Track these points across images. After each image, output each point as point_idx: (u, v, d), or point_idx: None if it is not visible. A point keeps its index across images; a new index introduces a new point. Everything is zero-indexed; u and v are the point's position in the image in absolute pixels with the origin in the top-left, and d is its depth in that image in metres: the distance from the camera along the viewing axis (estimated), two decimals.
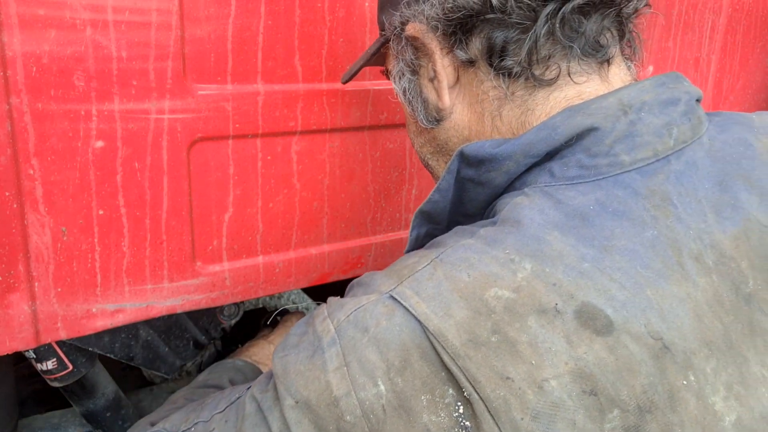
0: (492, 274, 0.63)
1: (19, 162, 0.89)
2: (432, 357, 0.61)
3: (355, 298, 0.69)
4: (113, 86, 0.93)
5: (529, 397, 0.58)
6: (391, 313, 0.64)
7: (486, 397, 0.58)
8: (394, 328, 0.63)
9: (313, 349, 0.68)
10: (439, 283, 0.64)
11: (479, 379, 0.59)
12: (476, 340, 0.60)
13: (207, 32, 0.99)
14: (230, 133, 1.05)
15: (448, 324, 0.61)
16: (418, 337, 0.62)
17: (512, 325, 0.60)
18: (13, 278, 0.93)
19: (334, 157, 1.18)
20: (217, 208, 1.08)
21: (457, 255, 0.66)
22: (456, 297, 0.62)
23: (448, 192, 0.80)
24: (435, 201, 0.81)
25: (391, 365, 0.62)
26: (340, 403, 0.63)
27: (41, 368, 1.12)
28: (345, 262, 1.27)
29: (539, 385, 0.58)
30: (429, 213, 0.83)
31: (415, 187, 1.31)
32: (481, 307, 0.61)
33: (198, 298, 1.11)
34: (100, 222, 0.97)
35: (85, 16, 0.88)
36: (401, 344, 0.62)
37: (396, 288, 0.66)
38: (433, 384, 0.61)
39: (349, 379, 0.63)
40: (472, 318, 0.61)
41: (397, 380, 0.62)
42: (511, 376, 0.58)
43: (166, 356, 1.30)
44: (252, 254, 1.15)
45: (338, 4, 1.10)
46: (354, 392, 0.63)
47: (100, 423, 1.28)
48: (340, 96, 1.15)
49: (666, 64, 1.60)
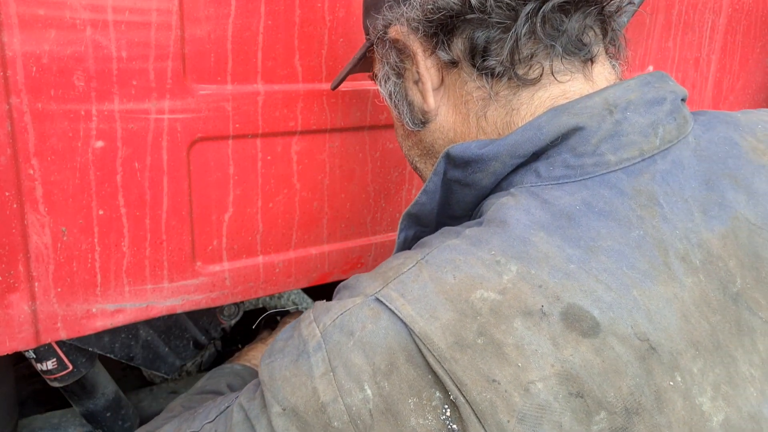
0: (477, 276, 0.63)
1: (19, 162, 0.89)
2: (418, 360, 0.61)
3: (341, 301, 0.68)
4: (113, 86, 0.93)
5: (516, 400, 0.58)
6: (376, 316, 0.63)
7: (472, 400, 0.58)
8: (380, 332, 0.62)
9: (297, 354, 0.67)
10: (425, 285, 0.64)
11: (465, 381, 0.59)
12: (462, 343, 0.60)
13: (207, 32, 0.99)
14: (230, 133, 1.05)
15: (434, 326, 0.60)
16: (404, 340, 0.61)
17: (498, 327, 0.60)
18: (13, 278, 0.93)
19: (334, 157, 1.18)
20: (217, 208, 1.08)
21: (443, 256, 0.66)
22: (442, 299, 0.62)
23: (435, 194, 0.79)
24: (422, 203, 0.80)
25: (377, 369, 0.62)
26: (327, 410, 0.63)
27: (41, 368, 1.12)
28: (345, 262, 1.27)
29: (525, 387, 0.58)
30: (416, 215, 0.82)
31: (415, 187, 1.31)
32: (467, 309, 0.61)
33: (198, 298, 1.11)
34: (100, 222, 0.97)
35: (85, 16, 0.88)
36: (387, 348, 0.62)
37: (381, 290, 0.66)
38: (419, 387, 0.61)
39: (336, 385, 0.63)
40: (457, 320, 0.61)
41: (383, 384, 0.61)
42: (497, 379, 0.58)
43: (166, 356, 1.30)
44: (252, 254, 1.15)
45: (338, 4, 1.10)
46: (341, 398, 0.62)
47: (100, 423, 1.28)
48: (340, 96, 1.15)
49: (666, 64, 1.60)
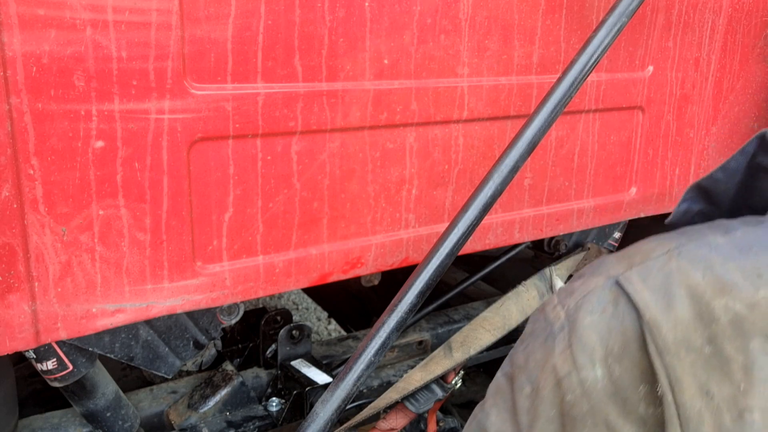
0: (730, 284, 0.58)
1: (19, 162, 0.89)
2: (644, 348, 0.59)
3: (584, 283, 0.68)
4: (113, 86, 0.93)
5: (725, 421, 0.55)
6: (615, 299, 0.63)
7: (681, 403, 0.56)
8: (617, 316, 0.61)
9: (545, 336, 0.68)
10: (669, 275, 0.61)
11: (681, 382, 0.56)
12: (688, 345, 0.57)
13: (207, 32, 0.99)
14: (230, 133, 1.05)
15: (666, 317, 0.59)
16: (637, 327, 0.60)
17: (732, 342, 0.56)
18: (13, 278, 0.93)
19: (334, 157, 1.18)
20: (217, 208, 1.08)
21: (699, 253, 0.62)
22: (682, 293, 0.59)
23: (735, 174, 0.73)
24: (716, 179, 0.74)
25: (609, 352, 0.61)
26: (562, 384, 0.63)
27: (41, 368, 1.12)
28: (345, 262, 1.26)
29: (740, 412, 0.55)
30: (707, 189, 0.76)
31: (415, 187, 1.31)
32: (705, 313, 0.57)
33: (198, 298, 1.11)
34: (100, 222, 0.97)
35: (85, 16, 0.88)
36: (622, 332, 0.61)
37: (624, 273, 0.64)
38: (649, 375, 0.59)
39: (572, 359, 0.63)
40: (692, 320, 0.58)
41: (614, 367, 0.61)
42: (713, 393, 0.55)
43: (166, 356, 1.30)
44: (252, 254, 1.15)
45: (338, 4, 1.10)
46: (575, 371, 0.62)
47: (100, 423, 1.28)
48: (340, 96, 1.15)
49: (666, 64, 1.60)
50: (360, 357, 1.06)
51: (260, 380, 1.50)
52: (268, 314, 1.55)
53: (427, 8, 1.20)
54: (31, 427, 1.31)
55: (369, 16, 1.14)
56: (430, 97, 1.25)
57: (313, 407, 1.06)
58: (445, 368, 1.48)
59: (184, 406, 1.42)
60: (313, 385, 1.43)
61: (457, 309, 1.86)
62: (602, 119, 1.54)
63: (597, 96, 1.50)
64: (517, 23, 1.32)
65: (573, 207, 1.57)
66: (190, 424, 1.38)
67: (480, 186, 1.13)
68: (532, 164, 1.46)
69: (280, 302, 3.25)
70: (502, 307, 1.61)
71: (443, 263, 1.09)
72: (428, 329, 1.72)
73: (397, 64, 1.20)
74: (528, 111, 1.37)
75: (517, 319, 1.62)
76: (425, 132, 1.28)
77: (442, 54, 1.25)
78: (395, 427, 1.46)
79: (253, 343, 1.61)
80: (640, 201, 1.69)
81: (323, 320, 3.42)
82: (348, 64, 1.14)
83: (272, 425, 1.43)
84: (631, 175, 1.64)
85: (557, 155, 1.50)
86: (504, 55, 1.33)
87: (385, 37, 1.17)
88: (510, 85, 1.35)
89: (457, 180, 1.36)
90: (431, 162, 1.31)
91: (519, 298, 1.64)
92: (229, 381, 1.43)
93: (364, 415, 1.39)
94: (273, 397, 1.47)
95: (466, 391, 2.10)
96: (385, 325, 1.07)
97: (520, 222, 1.48)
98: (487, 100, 1.33)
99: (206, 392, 1.43)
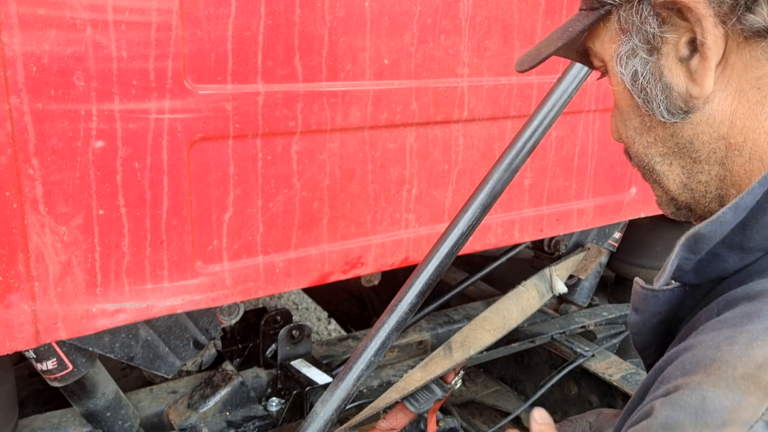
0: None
1: (19, 162, 0.89)
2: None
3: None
4: (113, 86, 0.93)
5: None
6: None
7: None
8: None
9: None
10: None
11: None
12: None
13: (207, 32, 0.99)
14: (230, 133, 1.05)
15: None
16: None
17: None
18: (13, 278, 0.93)
19: (334, 157, 1.18)
20: (217, 208, 1.08)
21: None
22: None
23: (744, 212, 0.62)
24: (723, 222, 0.63)
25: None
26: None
27: (41, 368, 1.12)
28: (345, 262, 1.27)
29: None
30: (704, 237, 0.64)
31: (415, 187, 1.31)
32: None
33: (198, 298, 1.11)
34: (100, 222, 0.97)
35: (85, 16, 0.88)
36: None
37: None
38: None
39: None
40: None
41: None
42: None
43: (166, 356, 1.30)
44: (252, 254, 1.15)
45: (338, 4, 1.10)
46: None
47: (100, 423, 1.28)
48: (340, 96, 1.15)
49: None
50: (360, 357, 1.06)
51: (260, 380, 1.51)
52: (268, 314, 1.55)
53: (427, 8, 1.20)
54: (31, 426, 1.31)
55: (369, 16, 1.14)
56: (430, 97, 1.25)
57: (313, 407, 1.06)
58: (445, 368, 1.48)
59: (184, 406, 1.42)
60: (313, 385, 1.43)
61: (457, 309, 1.86)
62: (602, 119, 1.54)
63: (597, 96, 1.50)
64: (517, 23, 1.32)
65: (573, 207, 1.57)
66: (190, 424, 1.38)
67: (480, 186, 1.13)
68: (532, 164, 1.46)
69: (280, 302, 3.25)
70: (502, 307, 1.61)
71: (443, 263, 1.09)
72: (428, 329, 1.73)
73: (397, 64, 1.20)
74: (528, 111, 1.37)
75: (517, 319, 1.61)
76: (425, 132, 1.28)
77: (442, 54, 1.25)
78: (395, 427, 1.46)
79: (253, 343, 1.61)
80: (640, 201, 1.69)
81: (323, 320, 3.43)
82: (348, 64, 1.14)
83: (272, 425, 1.43)
84: (631, 175, 1.64)
85: (557, 155, 1.50)
86: (504, 55, 1.33)
87: (385, 37, 1.17)
88: (510, 85, 1.35)
89: (457, 180, 1.36)
90: (431, 162, 1.31)
91: (519, 298, 1.64)
92: (229, 381, 1.43)
93: (364, 415, 1.39)
94: (273, 397, 1.47)
95: (466, 391, 2.11)
96: (385, 325, 1.07)
97: (520, 222, 1.48)
98: (487, 100, 1.33)
99: (206, 392, 1.43)
